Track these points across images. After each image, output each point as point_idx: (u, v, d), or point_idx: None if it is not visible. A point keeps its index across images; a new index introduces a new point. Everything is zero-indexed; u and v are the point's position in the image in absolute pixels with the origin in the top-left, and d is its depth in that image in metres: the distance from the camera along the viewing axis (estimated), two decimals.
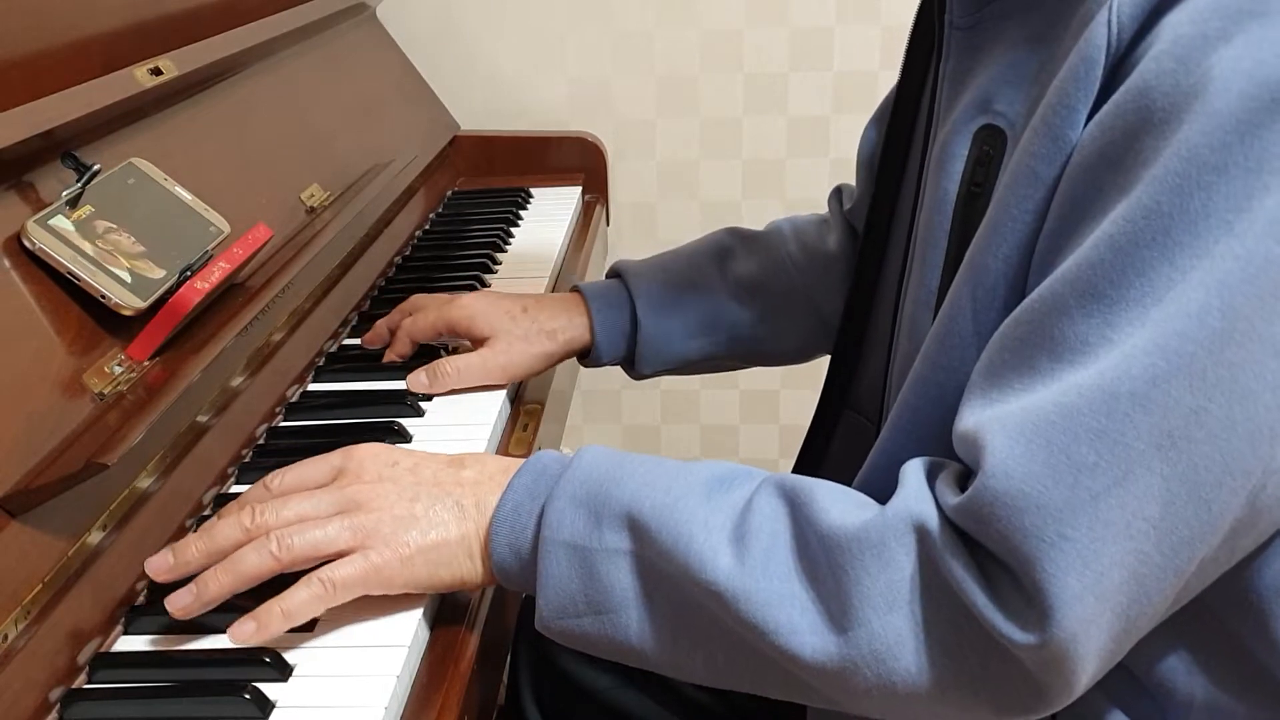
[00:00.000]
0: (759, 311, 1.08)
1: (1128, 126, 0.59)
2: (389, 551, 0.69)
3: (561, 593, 0.68)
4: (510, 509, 0.70)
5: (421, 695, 0.68)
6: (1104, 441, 0.57)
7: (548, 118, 1.81)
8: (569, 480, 0.70)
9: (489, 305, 1.04)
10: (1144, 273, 0.57)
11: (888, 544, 0.62)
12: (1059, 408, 0.58)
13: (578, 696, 1.09)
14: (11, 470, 0.69)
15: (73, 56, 0.91)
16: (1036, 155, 0.64)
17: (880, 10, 1.75)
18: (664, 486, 0.68)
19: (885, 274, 0.92)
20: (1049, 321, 0.60)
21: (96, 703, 0.66)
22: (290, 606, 0.68)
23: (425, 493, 0.72)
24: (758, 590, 0.63)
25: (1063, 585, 0.56)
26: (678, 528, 0.65)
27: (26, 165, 0.83)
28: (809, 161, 1.83)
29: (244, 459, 0.91)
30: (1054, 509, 0.57)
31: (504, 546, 0.70)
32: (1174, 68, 0.58)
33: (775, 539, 0.65)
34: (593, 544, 0.68)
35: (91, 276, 0.80)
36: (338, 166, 1.27)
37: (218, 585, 0.69)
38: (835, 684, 0.63)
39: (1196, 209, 0.56)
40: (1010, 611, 0.58)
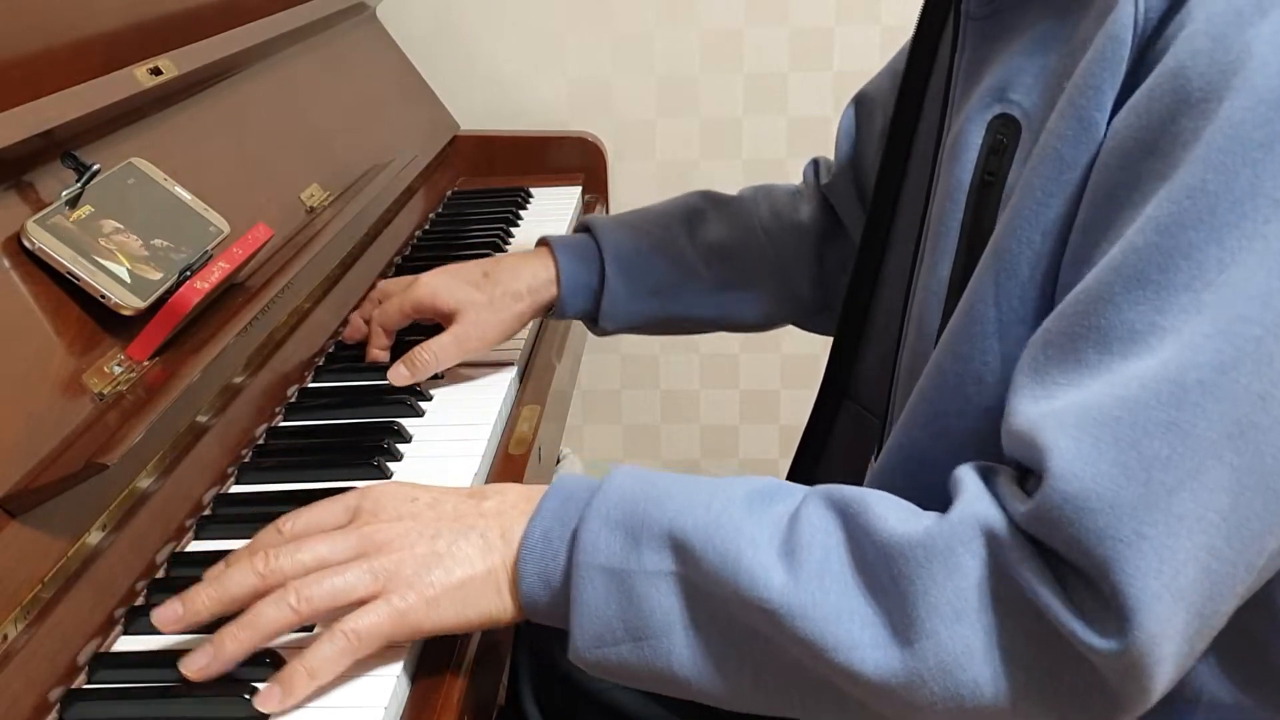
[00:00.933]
0: (726, 277, 1.07)
1: (1164, 109, 0.58)
2: (413, 594, 0.65)
3: (598, 620, 0.64)
4: (539, 536, 0.66)
5: (421, 695, 0.68)
6: (1175, 433, 0.54)
7: (548, 118, 1.81)
8: (601, 502, 0.66)
9: (449, 279, 1.03)
10: (1190, 255, 0.55)
11: (955, 551, 0.59)
12: (1122, 401, 0.55)
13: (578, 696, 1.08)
14: (11, 470, 0.69)
15: (73, 56, 0.91)
16: (1062, 138, 0.62)
17: (880, 10, 1.75)
18: (704, 503, 0.64)
19: (889, 264, 0.92)
20: (1094, 312, 0.58)
21: (96, 703, 0.66)
22: (315, 665, 0.64)
23: (447, 528, 0.67)
24: (814, 605, 0.60)
25: (1143, 586, 0.54)
26: (724, 545, 0.62)
27: (26, 165, 0.83)
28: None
29: (244, 459, 0.91)
30: (1128, 507, 0.54)
31: (533, 576, 0.66)
32: (1210, 46, 0.56)
33: (829, 551, 0.62)
34: (632, 566, 0.64)
35: (91, 276, 0.80)
36: (338, 166, 1.27)
37: (235, 644, 0.64)
38: (898, 700, 0.60)
39: (1243, 187, 0.55)
40: (1089, 617, 0.56)
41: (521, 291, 1.03)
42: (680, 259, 1.07)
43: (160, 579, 0.77)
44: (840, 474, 1.01)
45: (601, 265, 1.05)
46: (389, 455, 0.90)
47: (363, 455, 0.89)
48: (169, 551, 0.79)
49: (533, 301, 1.04)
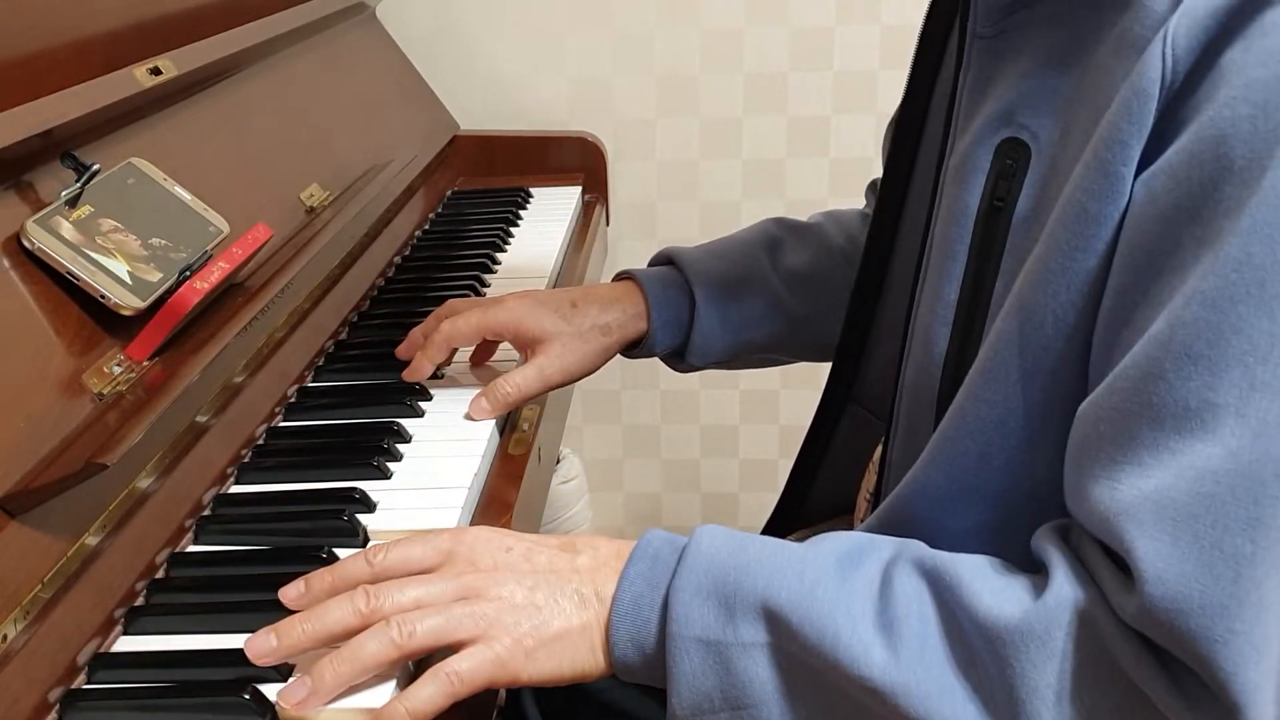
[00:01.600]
0: (812, 303, 1.05)
1: (1205, 176, 0.57)
2: (512, 643, 0.65)
3: (696, 691, 0.65)
4: (630, 602, 0.66)
5: None
6: (1259, 529, 0.55)
7: (548, 118, 1.81)
8: (690, 569, 0.66)
9: (535, 305, 0.98)
10: (1241, 329, 0.55)
11: (1052, 634, 0.59)
12: (1198, 498, 0.56)
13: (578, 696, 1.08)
14: (11, 470, 0.69)
15: (73, 56, 0.91)
16: (1088, 192, 0.62)
17: (880, 10, 1.75)
18: (796, 572, 0.64)
19: (894, 271, 0.92)
20: (1145, 388, 0.58)
21: (96, 703, 0.66)
22: (415, 706, 0.63)
23: (544, 581, 0.67)
24: (918, 684, 0.60)
25: (1244, 679, 0.55)
26: (821, 620, 0.62)
27: (26, 165, 0.83)
28: (809, 161, 1.83)
29: (244, 459, 0.91)
30: (1219, 607, 0.55)
31: (626, 642, 0.66)
32: (1251, 113, 0.56)
33: (925, 626, 0.62)
34: (728, 639, 0.64)
35: (91, 276, 0.80)
36: (338, 166, 1.27)
37: (335, 676, 0.64)
38: None
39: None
40: (1193, 703, 0.56)
41: (610, 326, 1.00)
42: (766, 287, 1.04)
43: (160, 579, 0.77)
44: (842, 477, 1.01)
45: (691, 298, 1.02)
46: (389, 455, 0.90)
47: (363, 455, 0.89)
48: (168, 552, 0.79)
49: (620, 337, 1.01)
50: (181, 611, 0.74)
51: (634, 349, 1.04)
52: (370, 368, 1.06)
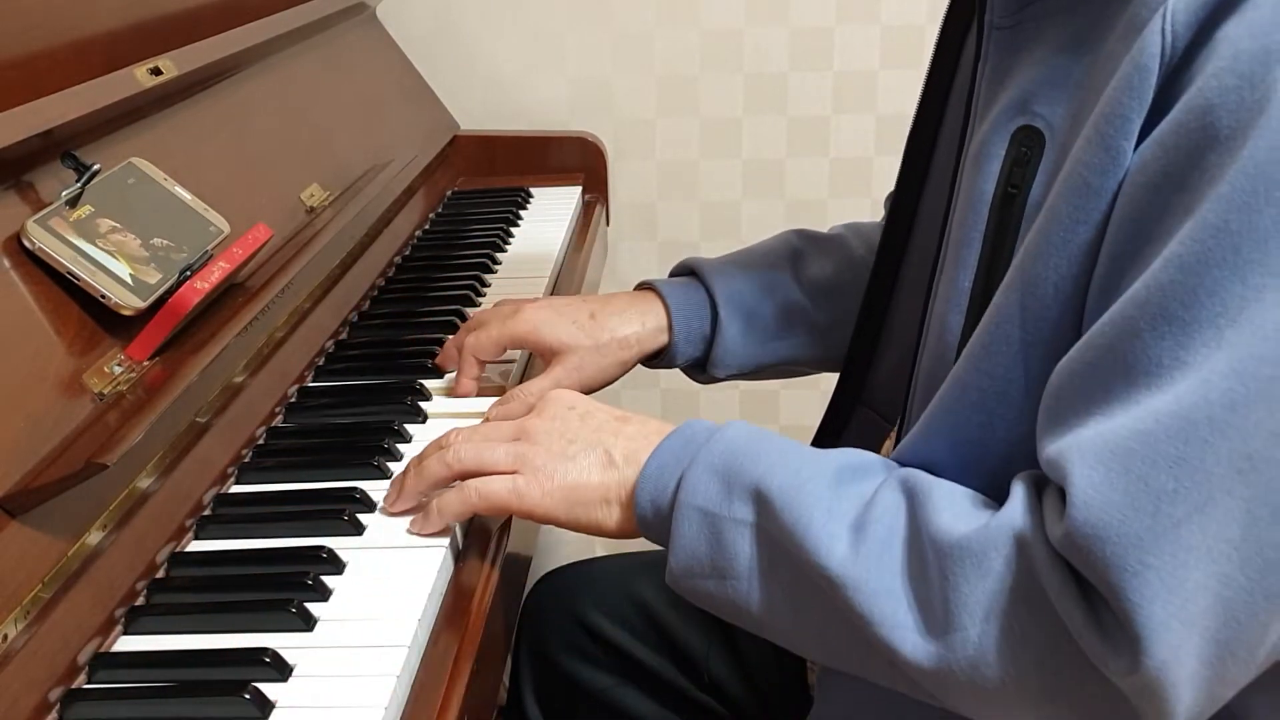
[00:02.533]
0: (835, 314, 1.04)
1: (1192, 145, 0.59)
2: (535, 481, 0.76)
3: (690, 554, 0.72)
4: (655, 468, 0.74)
5: (421, 695, 0.68)
6: (1183, 468, 0.57)
7: (548, 118, 1.81)
8: (710, 450, 0.73)
9: (554, 315, 0.99)
10: (1215, 292, 0.57)
11: (988, 554, 0.62)
12: (1136, 435, 0.58)
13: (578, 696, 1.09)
14: (11, 470, 0.69)
15: (73, 56, 0.91)
16: (1089, 165, 0.63)
17: (880, 10, 1.75)
18: (795, 468, 0.70)
19: (907, 270, 0.92)
20: (1120, 345, 0.60)
21: (96, 703, 0.66)
22: (442, 505, 0.78)
23: (584, 437, 0.78)
24: (867, 581, 0.65)
25: (1149, 613, 0.56)
26: (800, 509, 0.68)
27: (26, 165, 0.83)
28: (809, 161, 1.83)
29: (244, 459, 0.91)
30: (1134, 538, 0.57)
31: (647, 502, 0.74)
32: (1237, 84, 0.57)
33: (892, 533, 0.67)
34: (722, 512, 0.71)
35: (91, 276, 0.80)
36: (338, 166, 1.27)
37: (411, 484, 0.80)
38: (932, 681, 0.65)
39: (1266, 226, 0.56)
40: (1105, 635, 0.59)
41: (630, 339, 1.00)
42: (789, 298, 1.04)
43: (160, 579, 0.77)
44: None
45: (714, 309, 1.02)
46: (389, 455, 0.90)
47: (363, 455, 0.89)
48: (169, 551, 0.79)
49: (640, 350, 1.01)
50: (182, 611, 0.74)
51: (654, 360, 1.04)
52: (370, 368, 1.06)
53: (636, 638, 1.08)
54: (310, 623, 0.71)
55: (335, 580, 0.75)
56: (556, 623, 1.10)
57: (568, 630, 1.10)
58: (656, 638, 1.07)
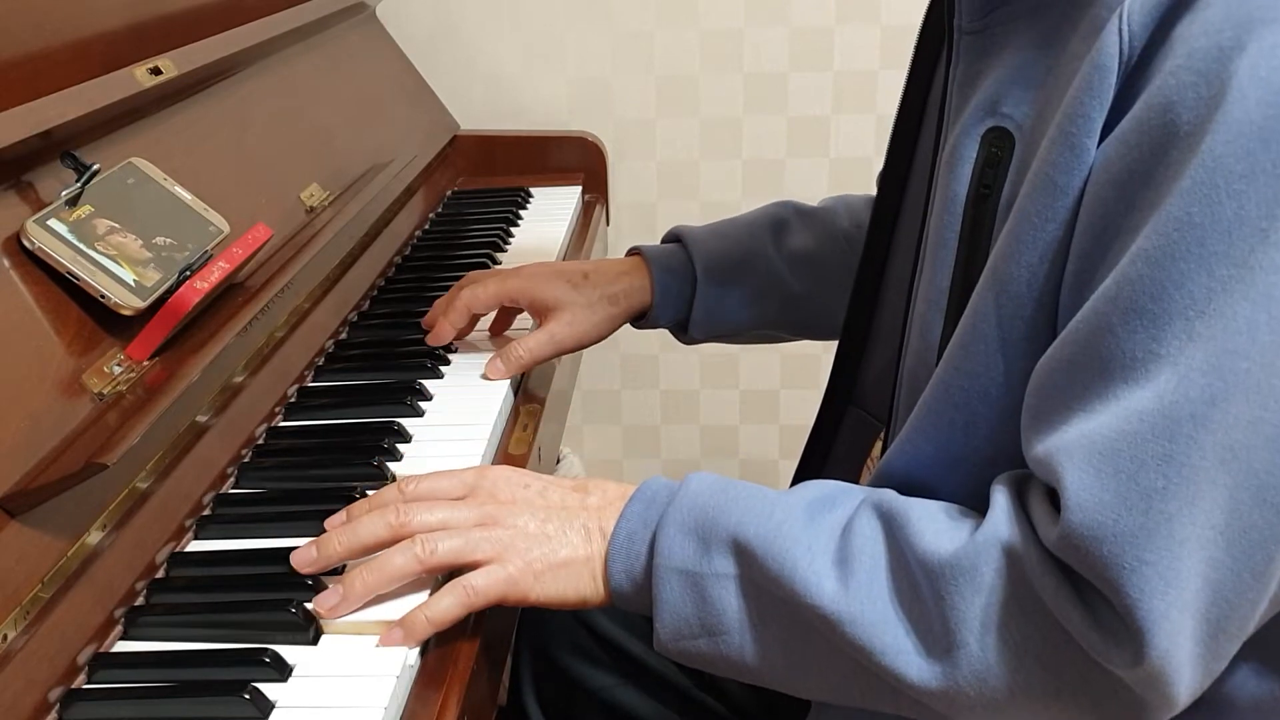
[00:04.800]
0: (812, 285, 1.09)
1: (1154, 142, 0.60)
2: (523, 565, 0.72)
3: (677, 617, 0.71)
4: (624, 537, 0.73)
5: (421, 695, 0.68)
6: (1171, 465, 0.58)
7: (548, 118, 1.81)
8: (677, 508, 0.72)
9: (550, 276, 1.05)
10: (1182, 285, 0.58)
11: (979, 568, 0.64)
12: (1122, 435, 0.59)
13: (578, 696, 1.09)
14: (11, 470, 0.69)
15: (73, 56, 0.91)
16: (1055, 165, 0.64)
17: (880, 10, 1.75)
18: (766, 512, 0.70)
19: (891, 271, 0.92)
20: (1095, 341, 0.61)
21: (96, 703, 0.66)
22: (434, 614, 0.70)
23: (555, 515, 0.75)
24: (863, 614, 0.66)
25: (1150, 608, 0.58)
26: (782, 553, 0.68)
27: (26, 165, 0.83)
28: (809, 161, 1.83)
29: (244, 459, 0.90)
30: (1129, 535, 0.58)
31: (620, 573, 0.73)
32: (1194, 80, 0.58)
33: (876, 561, 0.67)
34: (703, 569, 0.70)
35: (91, 276, 0.80)
36: (337, 166, 1.27)
37: (363, 585, 0.71)
38: (941, 702, 0.65)
39: (1229, 218, 0.57)
40: (1106, 632, 0.60)
41: (618, 296, 1.06)
42: (768, 268, 1.09)
43: (160, 579, 0.77)
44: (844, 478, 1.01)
45: (694, 274, 1.08)
46: (389, 455, 0.90)
47: (363, 455, 0.89)
48: (169, 551, 0.79)
49: (627, 307, 1.07)
50: (182, 611, 0.74)
51: (640, 320, 1.09)
52: (370, 368, 1.06)
53: (637, 637, 1.08)
54: (310, 622, 0.71)
55: (335, 580, 0.75)
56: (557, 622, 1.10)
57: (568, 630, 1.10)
58: None
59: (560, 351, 1.04)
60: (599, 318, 1.05)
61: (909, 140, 0.90)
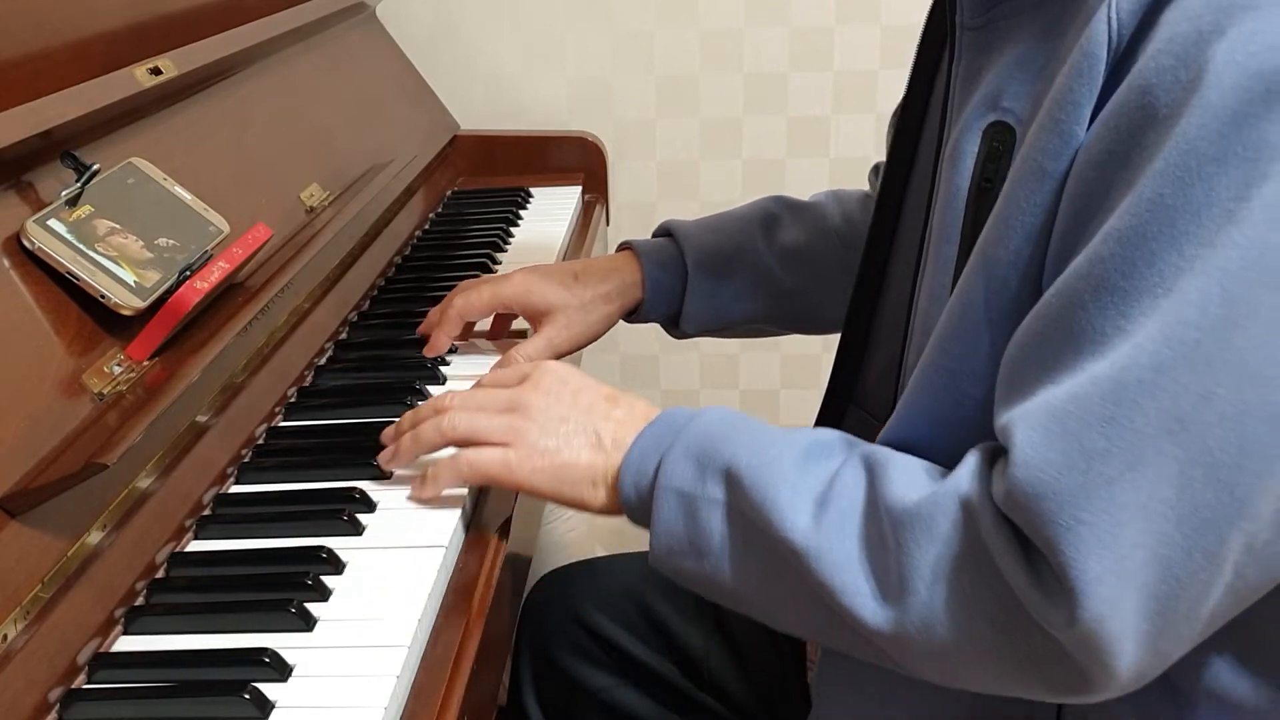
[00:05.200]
0: (802, 280, 1.10)
1: (1133, 124, 0.61)
2: (524, 455, 0.78)
3: (670, 534, 0.74)
4: (638, 453, 0.77)
5: (421, 695, 0.68)
6: (1114, 428, 0.59)
7: (548, 118, 1.81)
8: (687, 434, 0.76)
9: (541, 280, 1.05)
10: (1153, 264, 0.59)
11: (936, 519, 0.65)
12: (1073, 398, 0.60)
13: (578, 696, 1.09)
14: (11, 470, 0.69)
15: (73, 56, 0.91)
16: (1044, 151, 0.65)
17: (880, 10, 1.75)
18: (763, 447, 0.73)
19: (893, 270, 0.92)
20: (1066, 316, 0.62)
21: (96, 703, 0.66)
22: (436, 473, 0.82)
23: (576, 417, 0.80)
24: (829, 551, 0.68)
25: (1083, 568, 0.59)
26: (766, 485, 0.70)
27: (26, 165, 0.83)
28: (809, 161, 1.83)
29: (244, 459, 0.90)
30: (1068, 495, 0.59)
31: (629, 486, 0.76)
32: (1172, 64, 0.59)
33: (852, 505, 0.69)
34: (697, 492, 0.73)
35: (91, 276, 0.80)
36: (337, 166, 1.27)
37: (404, 449, 0.84)
38: (893, 646, 0.67)
39: (1199, 199, 0.58)
40: (1045, 591, 0.61)
41: (611, 294, 1.07)
42: (759, 262, 1.10)
43: (160, 579, 0.77)
44: None
45: (685, 269, 1.08)
46: None
47: (362, 455, 0.89)
48: (169, 551, 0.79)
49: (621, 304, 1.07)
50: (181, 611, 0.74)
51: (632, 315, 1.10)
52: (370, 368, 1.06)
53: (637, 637, 1.08)
54: (310, 623, 0.71)
55: (335, 580, 0.75)
56: (556, 623, 1.11)
57: (568, 630, 1.10)
58: (656, 638, 1.07)
59: (558, 355, 1.05)
60: (594, 318, 1.06)
61: (912, 138, 0.90)
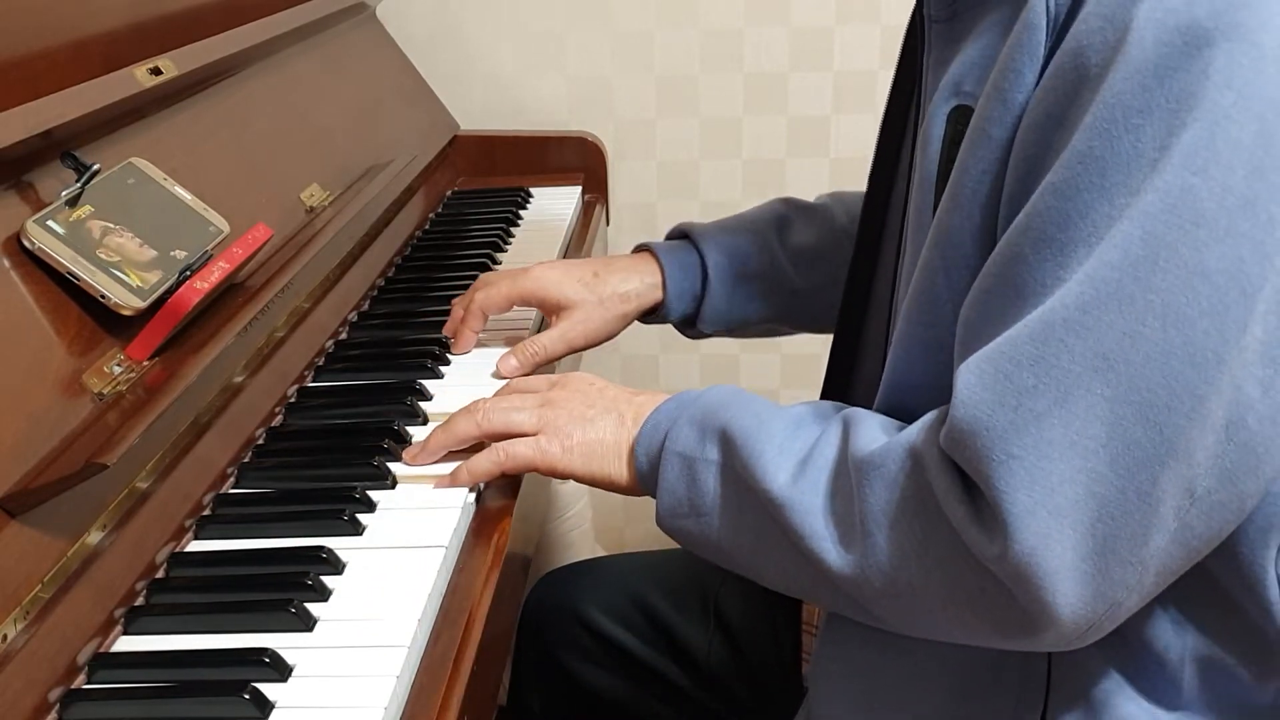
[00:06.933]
0: (816, 281, 1.12)
1: (1068, 85, 0.64)
2: (558, 440, 0.84)
3: (672, 495, 0.79)
4: (651, 425, 0.82)
5: (421, 695, 0.68)
6: (1041, 366, 0.62)
7: (548, 118, 1.81)
8: (695, 406, 0.81)
9: (561, 275, 1.07)
10: (1086, 215, 0.62)
11: (888, 465, 0.69)
12: (1007, 340, 0.63)
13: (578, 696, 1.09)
14: (11, 470, 0.69)
15: (73, 56, 0.91)
16: (987, 118, 0.68)
17: (880, 10, 1.75)
18: (757, 412, 0.77)
19: (879, 278, 0.93)
20: (1009, 271, 0.65)
21: (96, 703, 0.66)
22: (474, 466, 0.84)
23: (601, 403, 0.85)
24: (800, 501, 0.72)
25: (1013, 500, 0.61)
26: (755, 445, 0.74)
27: (26, 165, 0.83)
28: (809, 161, 1.83)
29: (244, 459, 0.91)
30: (1000, 430, 0.62)
31: (642, 454, 0.81)
32: (1101, 25, 0.62)
33: (828, 460, 0.73)
34: (696, 454, 0.78)
35: (91, 276, 0.80)
36: (338, 166, 1.27)
37: (436, 441, 0.87)
38: (857, 591, 0.70)
39: (1127, 150, 0.61)
40: (982, 526, 0.64)
41: (630, 294, 1.08)
42: (774, 264, 1.12)
43: (160, 579, 0.77)
44: None
45: (704, 270, 1.10)
46: (389, 455, 0.90)
47: (363, 455, 0.89)
48: (168, 551, 0.79)
49: (639, 304, 1.09)
50: (181, 611, 0.74)
51: (649, 315, 1.12)
52: (370, 368, 1.06)
53: (637, 637, 1.08)
54: (310, 623, 0.71)
55: (335, 580, 0.75)
56: (557, 622, 1.11)
57: (568, 629, 1.10)
58: (656, 637, 1.07)
59: (572, 349, 1.06)
60: (611, 315, 1.07)
61: (897, 133, 0.91)
